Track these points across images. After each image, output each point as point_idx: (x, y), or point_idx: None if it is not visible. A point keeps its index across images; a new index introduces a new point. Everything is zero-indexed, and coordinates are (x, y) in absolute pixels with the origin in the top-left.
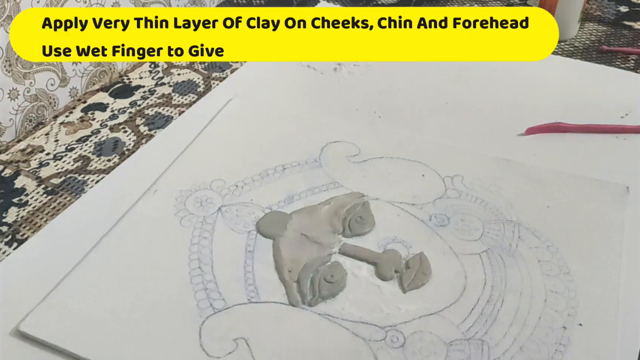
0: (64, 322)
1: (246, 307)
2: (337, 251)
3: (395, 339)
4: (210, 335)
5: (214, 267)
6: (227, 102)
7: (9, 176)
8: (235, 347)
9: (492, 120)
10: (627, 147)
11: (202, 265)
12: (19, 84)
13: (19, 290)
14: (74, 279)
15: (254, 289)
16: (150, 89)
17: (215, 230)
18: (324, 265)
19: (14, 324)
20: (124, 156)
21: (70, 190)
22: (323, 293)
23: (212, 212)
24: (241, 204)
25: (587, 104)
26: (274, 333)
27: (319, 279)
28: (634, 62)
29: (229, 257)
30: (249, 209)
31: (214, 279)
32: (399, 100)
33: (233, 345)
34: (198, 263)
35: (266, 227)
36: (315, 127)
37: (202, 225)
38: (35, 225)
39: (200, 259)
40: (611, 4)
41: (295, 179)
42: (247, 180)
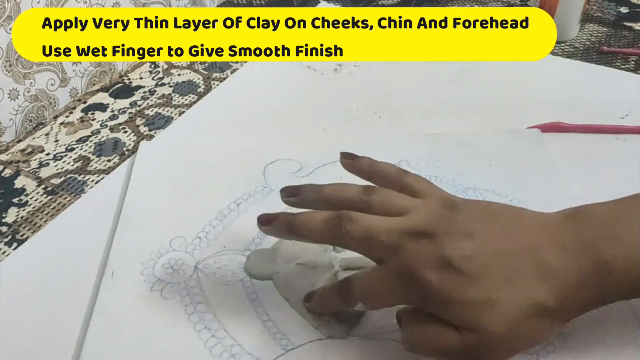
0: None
1: (286, 357)
2: (339, 269)
3: None
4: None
5: (228, 329)
6: (134, 154)
7: (9, 176)
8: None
9: (492, 120)
10: (627, 148)
11: (214, 333)
12: (19, 84)
13: (19, 290)
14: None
15: (282, 336)
16: (151, 89)
17: (205, 290)
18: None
19: (13, 324)
20: (124, 156)
21: (70, 190)
22: (352, 317)
23: (190, 274)
24: (216, 254)
25: (587, 104)
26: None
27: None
28: (634, 63)
29: (237, 313)
30: (228, 257)
31: (236, 342)
32: (399, 100)
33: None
34: (209, 332)
35: (258, 270)
36: (244, 152)
37: (188, 291)
38: (35, 225)
39: (207, 326)
40: (611, 5)
41: (255, 211)
42: (208, 229)
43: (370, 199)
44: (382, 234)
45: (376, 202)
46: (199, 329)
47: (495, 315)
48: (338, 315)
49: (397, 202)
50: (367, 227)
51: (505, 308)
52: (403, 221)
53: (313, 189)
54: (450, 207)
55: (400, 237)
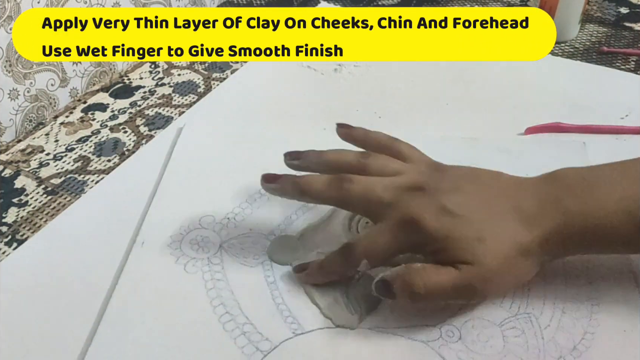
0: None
1: (294, 341)
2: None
3: (450, 333)
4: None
5: (242, 308)
6: (179, 133)
7: (9, 176)
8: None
9: (492, 120)
10: (627, 148)
11: (229, 310)
12: (19, 84)
13: (19, 290)
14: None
15: (293, 320)
16: (151, 90)
17: (226, 269)
18: (352, 279)
19: (13, 324)
20: (124, 156)
21: (70, 190)
22: (364, 308)
23: (214, 252)
24: (242, 235)
25: (587, 104)
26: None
27: (354, 295)
28: (634, 63)
29: (253, 293)
30: (252, 239)
31: (249, 320)
32: (399, 100)
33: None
34: (224, 308)
35: (279, 255)
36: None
37: (210, 267)
38: (35, 225)
39: (224, 303)
40: (611, 5)
41: (284, 199)
42: (237, 210)
43: (367, 162)
44: (379, 190)
45: (373, 165)
46: (216, 304)
47: (486, 250)
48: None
49: (391, 164)
50: (365, 185)
51: (494, 243)
52: (397, 180)
53: (315, 154)
54: (437, 169)
55: (396, 192)
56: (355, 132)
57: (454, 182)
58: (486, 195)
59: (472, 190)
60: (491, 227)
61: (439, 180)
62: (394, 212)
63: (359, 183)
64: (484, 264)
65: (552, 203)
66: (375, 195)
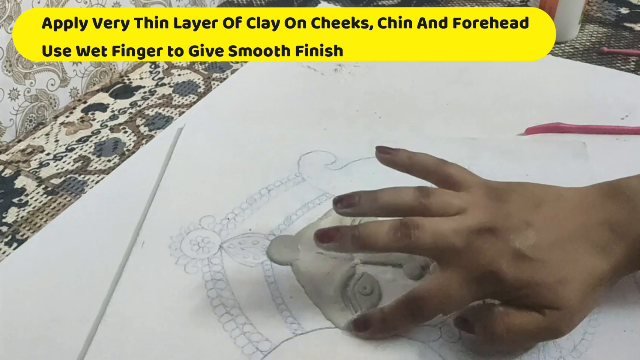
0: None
1: (294, 341)
2: (358, 262)
3: (450, 333)
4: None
5: (242, 308)
6: (179, 133)
7: (9, 176)
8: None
9: (492, 120)
10: (628, 149)
11: (229, 310)
12: (19, 84)
13: (19, 290)
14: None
15: (293, 320)
16: (151, 90)
17: (226, 269)
18: (352, 278)
19: (14, 325)
20: (124, 156)
21: (70, 190)
22: (364, 307)
23: (214, 252)
24: (241, 236)
25: (587, 105)
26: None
27: (354, 294)
28: (634, 63)
29: (253, 293)
30: (252, 239)
31: (249, 321)
32: (399, 100)
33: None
34: (224, 308)
35: (278, 255)
36: (281, 141)
37: (210, 268)
38: (35, 225)
39: (224, 303)
40: (612, 5)
41: (285, 199)
42: (237, 211)
43: (429, 202)
44: (450, 236)
45: (434, 204)
46: (216, 304)
47: (570, 291)
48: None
49: (453, 201)
50: (434, 231)
51: (575, 283)
52: (465, 220)
53: (369, 198)
54: (497, 198)
55: (467, 236)
56: (398, 157)
57: (520, 214)
58: (558, 229)
59: (542, 224)
60: (569, 266)
61: (506, 217)
62: (468, 260)
63: (426, 230)
64: (569, 306)
65: (622, 226)
66: (446, 242)
